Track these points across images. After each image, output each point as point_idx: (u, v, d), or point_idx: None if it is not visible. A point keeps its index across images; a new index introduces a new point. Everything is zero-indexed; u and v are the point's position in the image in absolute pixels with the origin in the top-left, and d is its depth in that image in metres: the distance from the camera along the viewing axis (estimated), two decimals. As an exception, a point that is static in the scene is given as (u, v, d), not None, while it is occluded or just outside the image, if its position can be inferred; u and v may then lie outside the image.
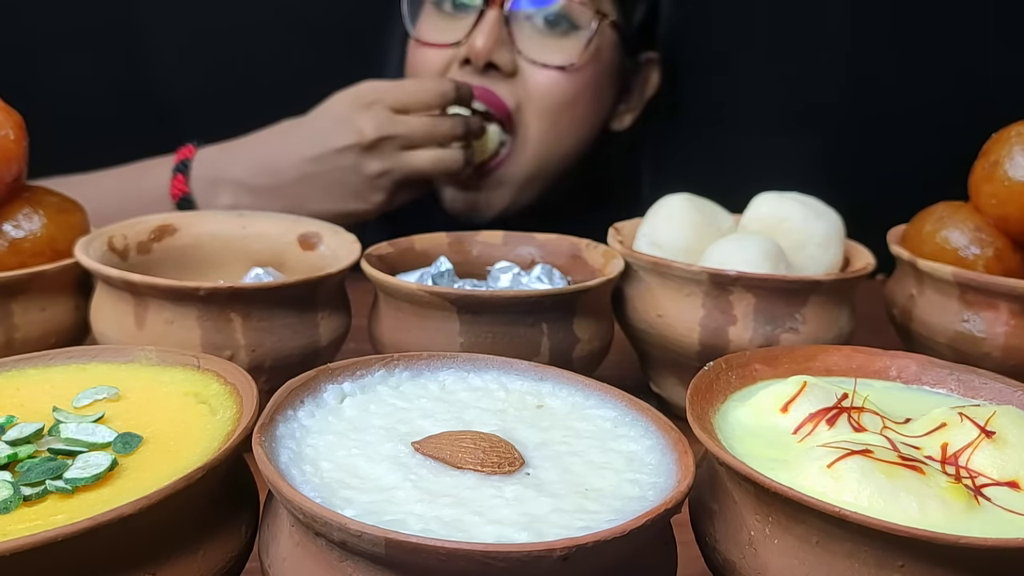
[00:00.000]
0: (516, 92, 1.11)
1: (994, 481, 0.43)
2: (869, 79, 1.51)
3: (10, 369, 0.49)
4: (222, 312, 0.64)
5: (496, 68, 1.09)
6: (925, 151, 1.38)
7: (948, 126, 1.26)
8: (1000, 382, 0.52)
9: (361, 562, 0.36)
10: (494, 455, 0.42)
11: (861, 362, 0.55)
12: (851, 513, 0.37)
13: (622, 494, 0.40)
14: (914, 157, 1.42)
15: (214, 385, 0.48)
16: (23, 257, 0.70)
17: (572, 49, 1.11)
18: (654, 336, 0.74)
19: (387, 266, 0.74)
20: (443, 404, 0.48)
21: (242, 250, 0.81)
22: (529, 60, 1.10)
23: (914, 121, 1.49)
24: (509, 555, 0.33)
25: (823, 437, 0.46)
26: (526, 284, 0.74)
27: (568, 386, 0.50)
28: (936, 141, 1.31)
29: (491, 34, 1.08)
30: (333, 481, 0.40)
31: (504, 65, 1.09)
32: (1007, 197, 0.74)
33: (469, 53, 1.08)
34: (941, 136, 1.29)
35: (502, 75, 1.09)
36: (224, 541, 0.41)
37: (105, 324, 0.67)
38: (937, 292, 0.74)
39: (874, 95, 1.53)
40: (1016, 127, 0.75)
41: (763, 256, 0.73)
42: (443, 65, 1.12)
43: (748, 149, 1.38)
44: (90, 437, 0.42)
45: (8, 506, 0.38)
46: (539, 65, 1.10)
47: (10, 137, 0.70)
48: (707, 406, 0.48)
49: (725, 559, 0.43)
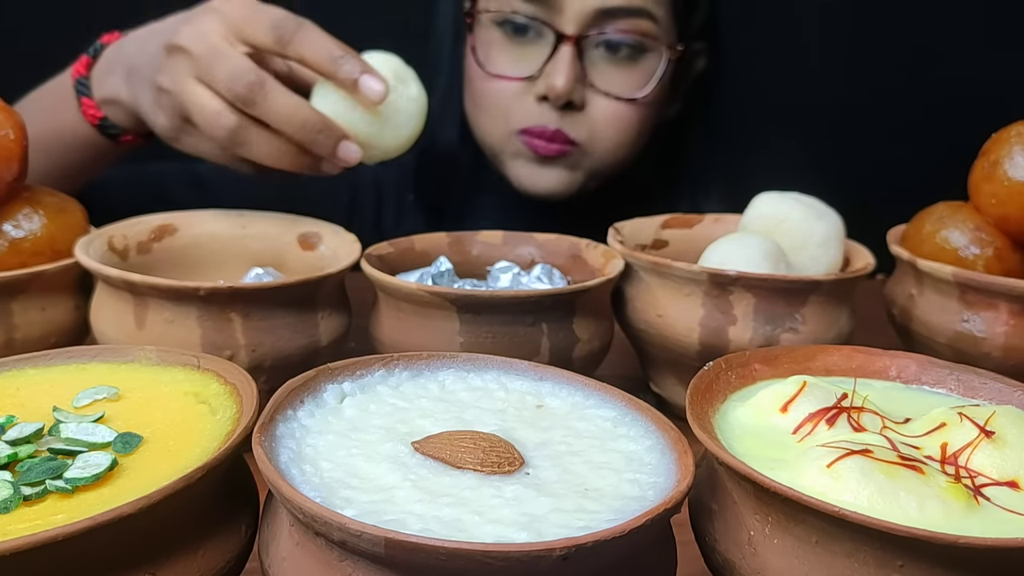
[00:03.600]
0: (587, 123, 1.09)
1: (994, 481, 0.43)
2: (870, 79, 1.52)
3: (10, 369, 0.49)
4: (222, 312, 0.64)
5: (571, 104, 1.08)
6: (925, 151, 1.38)
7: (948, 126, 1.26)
8: (1000, 382, 0.52)
9: (361, 562, 0.36)
10: (494, 455, 0.42)
11: (861, 362, 0.55)
12: (851, 513, 0.37)
13: (622, 494, 0.40)
14: (914, 157, 1.43)
15: (214, 385, 0.48)
16: (23, 257, 0.70)
17: (640, 76, 1.10)
18: (654, 336, 0.74)
19: (387, 266, 0.74)
20: (443, 404, 0.48)
21: (242, 250, 0.81)
22: (600, 91, 1.08)
23: (914, 121, 1.49)
24: (509, 555, 0.33)
25: (823, 437, 0.46)
26: (526, 284, 0.74)
27: (568, 386, 0.50)
28: (936, 141, 1.31)
29: (570, 74, 1.05)
30: (333, 481, 0.40)
31: (579, 101, 1.08)
32: (1007, 197, 0.74)
33: (549, 93, 1.06)
34: (941, 136, 1.29)
35: (575, 109, 1.08)
36: (224, 541, 0.41)
37: (105, 324, 0.67)
38: (937, 292, 0.74)
39: (874, 95, 1.53)
40: (1016, 127, 0.75)
41: (763, 256, 0.73)
42: (515, 96, 1.09)
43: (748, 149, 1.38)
44: (90, 437, 0.42)
45: (8, 506, 0.38)
46: (611, 97, 1.09)
47: (10, 137, 0.70)
48: (707, 406, 0.48)
49: (725, 559, 0.43)
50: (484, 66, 1.11)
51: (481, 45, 1.12)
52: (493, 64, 1.11)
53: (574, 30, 1.05)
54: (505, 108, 1.11)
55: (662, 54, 1.10)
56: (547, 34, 1.07)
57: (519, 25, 1.08)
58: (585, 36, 1.06)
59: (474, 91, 1.15)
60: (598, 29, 1.06)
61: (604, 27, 1.06)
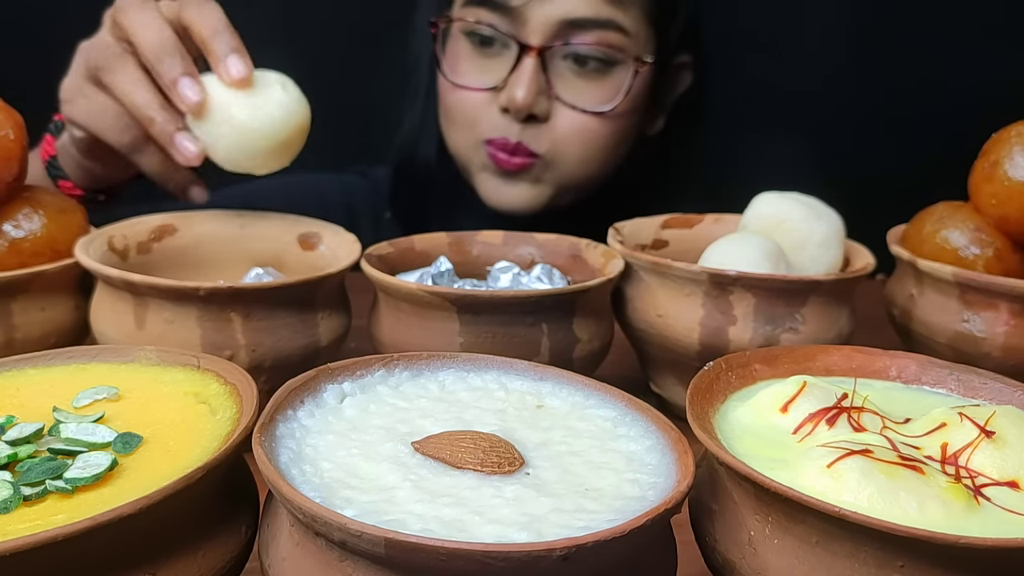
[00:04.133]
0: (551, 136, 1.08)
1: (994, 481, 0.43)
2: (870, 80, 1.52)
3: (10, 369, 0.49)
4: (222, 312, 0.64)
5: (534, 117, 1.07)
6: (925, 151, 1.38)
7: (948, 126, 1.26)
8: (1000, 382, 0.52)
9: (361, 562, 0.36)
10: (494, 455, 0.42)
11: (861, 362, 0.55)
12: (851, 513, 0.37)
13: (622, 494, 0.40)
14: (914, 157, 1.43)
15: (214, 385, 0.48)
16: (23, 257, 0.70)
17: (607, 90, 1.09)
18: (654, 336, 0.74)
19: (387, 266, 0.74)
20: (443, 404, 0.48)
21: (242, 250, 0.81)
22: (565, 104, 1.07)
23: (915, 121, 1.49)
24: (509, 555, 0.33)
25: (823, 437, 0.46)
26: (526, 284, 0.74)
27: (568, 386, 0.50)
28: (936, 141, 1.31)
29: (531, 86, 1.04)
30: (333, 481, 0.40)
31: (542, 114, 1.07)
32: (1007, 197, 0.74)
33: (509, 105, 1.06)
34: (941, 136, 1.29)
35: (538, 121, 1.08)
36: (224, 541, 0.41)
37: (105, 324, 0.67)
38: (937, 292, 0.74)
39: (875, 96, 1.53)
40: (1016, 127, 0.75)
41: (763, 256, 0.73)
42: (480, 106, 1.09)
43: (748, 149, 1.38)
44: (90, 437, 0.42)
45: (8, 506, 0.38)
46: (577, 110, 1.08)
47: (10, 137, 0.71)
48: (707, 406, 0.48)
49: (725, 559, 0.43)
50: (449, 76, 1.11)
51: (449, 56, 1.13)
52: (460, 75, 1.11)
53: (538, 41, 1.05)
54: (471, 118, 1.10)
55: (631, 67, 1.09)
56: (512, 45, 1.06)
57: (485, 36, 1.08)
58: (549, 48, 1.05)
59: (444, 103, 1.15)
60: (563, 40, 1.05)
61: (569, 38, 1.05)
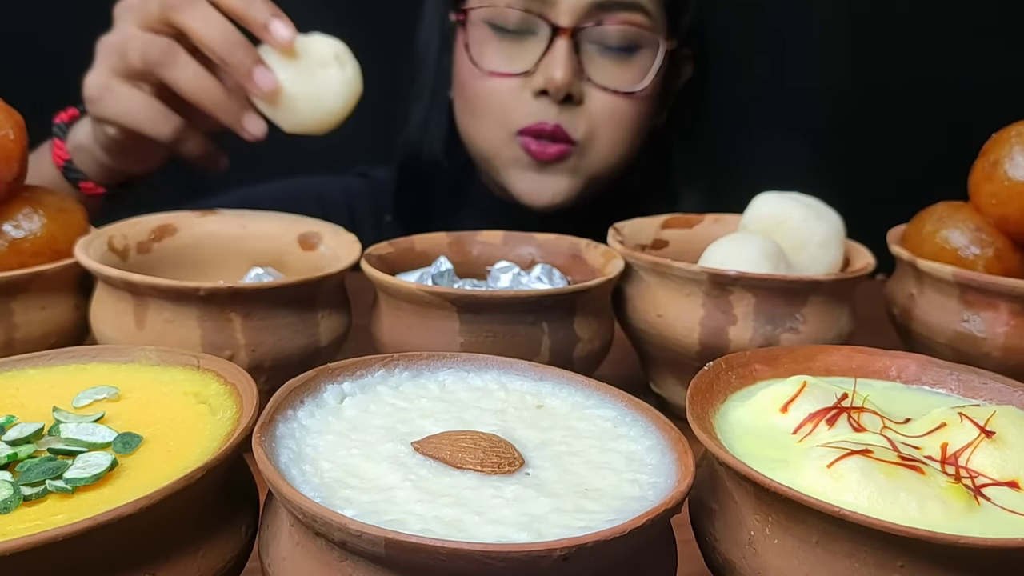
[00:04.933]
0: (587, 118, 1.09)
1: (994, 481, 0.43)
2: (870, 79, 1.52)
3: (10, 369, 0.49)
4: (222, 312, 0.64)
5: (570, 98, 1.07)
6: (925, 151, 1.38)
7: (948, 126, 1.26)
8: (1000, 382, 0.52)
9: (361, 562, 0.36)
10: (494, 455, 0.42)
11: (861, 362, 0.55)
12: (851, 513, 0.37)
13: (622, 494, 0.40)
14: (914, 157, 1.43)
15: (214, 385, 0.48)
16: (23, 257, 0.70)
17: (636, 72, 1.10)
18: (654, 336, 0.74)
19: (387, 266, 0.74)
20: (443, 404, 0.48)
21: (242, 250, 0.81)
22: (597, 86, 1.08)
23: (914, 121, 1.49)
24: (509, 555, 0.33)
25: (823, 437, 0.46)
26: (526, 284, 0.74)
27: (568, 386, 0.50)
28: (936, 141, 1.31)
29: (568, 66, 1.05)
30: (333, 481, 0.40)
31: (577, 95, 1.07)
32: (1007, 197, 0.74)
33: (548, 86, 1.05)
34: (941, 136, 1.29)
35: (573, 103, 1.08)
36: (224, 541, 0.41)
37: (105, 324, 0.67)
38: (937, 292, 0.74)
39: (875, 95, 1.53)
40: (1016, 127, 0.75)
41: (763, 256, 0.73)
42: (511, 94, 1.09)
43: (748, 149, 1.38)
44: (90, 437, 0.42)
45: (8, 506, 0.38)
46: (608, 91, 1.08)
47: (10, 137, 0.70)
48: (707, 406, 0.48)
49: (725, 559, 0.43)
50: (479, 64, 1.10)
51: (473, 44, 1.11)
52: (487, 62, 1.10)
53: (569, 22, 1.05)
54: (502, 107, 1.10)
55: (657, 48, 1.10)
56: (541, 29, 1.06)
57: (512, 21, 1.08)
58: (580, 29, 1.06)
59: (468, 94, 1.13)
60: (593, 22, 1.06)
61: (598, 20, 1.06)
